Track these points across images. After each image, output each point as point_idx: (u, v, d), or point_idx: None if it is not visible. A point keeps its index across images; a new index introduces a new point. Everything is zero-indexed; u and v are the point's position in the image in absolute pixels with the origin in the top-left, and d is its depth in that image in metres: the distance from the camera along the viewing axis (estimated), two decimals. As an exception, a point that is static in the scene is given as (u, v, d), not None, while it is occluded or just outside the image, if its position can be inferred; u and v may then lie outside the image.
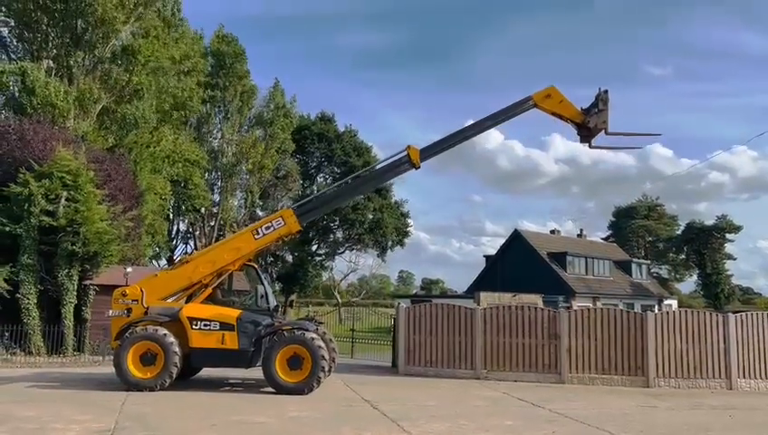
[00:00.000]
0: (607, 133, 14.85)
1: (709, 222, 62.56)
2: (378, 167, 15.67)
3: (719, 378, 15.38)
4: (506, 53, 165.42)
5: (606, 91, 14.80)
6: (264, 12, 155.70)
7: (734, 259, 62.85)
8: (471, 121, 15.46)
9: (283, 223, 13.73)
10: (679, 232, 65.57)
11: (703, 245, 59.98)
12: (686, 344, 15.46)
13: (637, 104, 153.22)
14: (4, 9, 22.91)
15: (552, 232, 52.59)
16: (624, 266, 49.55)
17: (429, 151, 14.60)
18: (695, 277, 65.30)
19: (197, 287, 13.52)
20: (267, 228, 13.72)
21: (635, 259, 53.06)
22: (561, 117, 15.00)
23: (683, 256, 64.86)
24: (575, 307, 23.90)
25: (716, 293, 59.48)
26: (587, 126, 14.77)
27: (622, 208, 70.37)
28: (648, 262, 55.59)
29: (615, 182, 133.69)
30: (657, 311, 30.04)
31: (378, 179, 16.11)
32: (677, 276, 67.90)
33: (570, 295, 40.81)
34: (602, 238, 64.76)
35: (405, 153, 14.34)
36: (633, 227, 65.91)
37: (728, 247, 62.21)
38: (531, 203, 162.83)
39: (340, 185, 16.02)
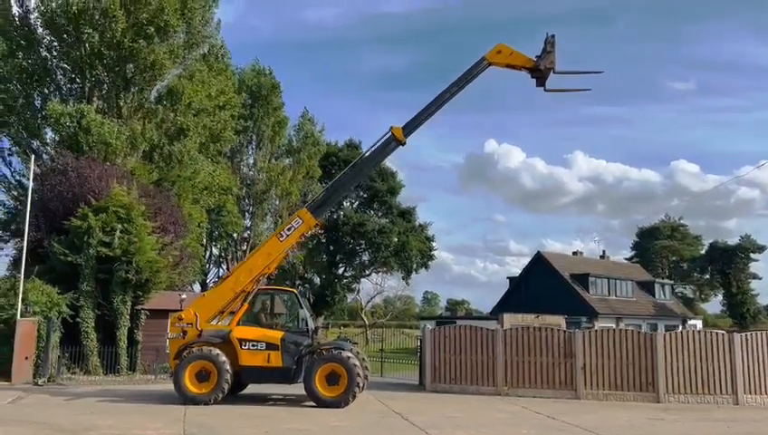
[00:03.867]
0: (554, 72, 16.53)
1: (733, 241, 62.90)
2: (368, 153, 16.86)
3: (726, 394, 16.40)
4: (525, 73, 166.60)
5: (553, 36, 16.51)
6: (283, 37, 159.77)
7: (760, 278, 62.88)
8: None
9: (301, 221, 15.40)
10: (703, 252, 65.87)
11: (727, 265, 60.20)
12: (693, 362, 16.55)
13: (660, 119, 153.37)
14: (63, 57, 25.14)
15: (575, 253, 53.41)
16: (647, 287, 50.10)
17: (410, 126, 16.10)
18: (720, 297, 65.40)
19: (241, 296, 15.04)
20: (289, 229, 15.41)
21: (658, 280, 53.54)
22: (515, 67, 16.67)
23: (707, 276, 65.09)
24: (597, 328, 24.92)
25: (742, 313, 59.56)
26: (539, 69, 16.45)
27: (645, 229, 70.87)
28: (672, 282, 56.02)
29: (641, 200, 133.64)
30: (687, 330, 30.81)
31: (372, 162, 17.50)
32: (702, 296, 68.01)
33: (592, 316, 41.57)
34: (626, 259, 65.32)
35: (390, 134, 15.93)
36: (656, 247, 66.38)
37: (753, 267, 62.37)
38: (555, 222, 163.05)
39: (340, 177, 17.38)
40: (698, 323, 50.81)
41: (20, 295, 18.03)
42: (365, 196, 54.11)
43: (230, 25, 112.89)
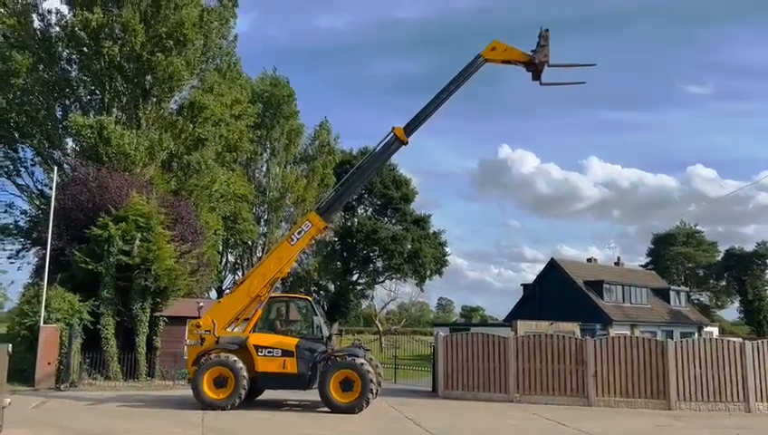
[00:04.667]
0: (548, 65, 17.01)
1: (750, 248, 62.41)
2: (372, 154, 17.38)
3: (738, 402, 16.44)
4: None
5: (547, 30, 17.06)
6: (297, 45, 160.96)
7: (776, 285, 62.32)
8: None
9: (310, 225, 15.85)
10: (719, 258, 65.44)
11: (743, 271, 59.77)
12: (705, 370, 16.61)
13: (676, 124, 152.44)
14: (84, 70, 25.79)
15: (589, 260, 53.28)
16: (662, 294, 49.83)
17: (411, 126, 16.52)
18: (737, 304, 64.89)
19: (256, 301, 15.43)
20: (299, 233, 15.85)
21: (673, 286, 53.26)
22: (510, 62, 17.18)
23: (723, 283, 64.64)
24: (612, 335, 24.97)
25: (759, 320, 59.07)
26: (534, 62, 16.96)
27: (661, 235, 70.53)
28: (687, 289, 55.64)
29: (657, 206, 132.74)
30: (698, 338, 30.67)
31: (376, 163, 17.82)
32: (719, 303, 67.51)
33: (607, 323, 41.45)
34: (641, 265, 65.01)
35: (392, 134, 16.35)
36: (672, 253, 66.04)
37: (770, 274, 61.83)
38: (570, 227, 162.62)
39: (346, 180, 17.77)
40: (714, 331, 50.43)
41: (43, 303, 18.55)
42: (379, 203, 54.43)
43: (245, 33, 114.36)
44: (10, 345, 10.33)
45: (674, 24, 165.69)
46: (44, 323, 18.48)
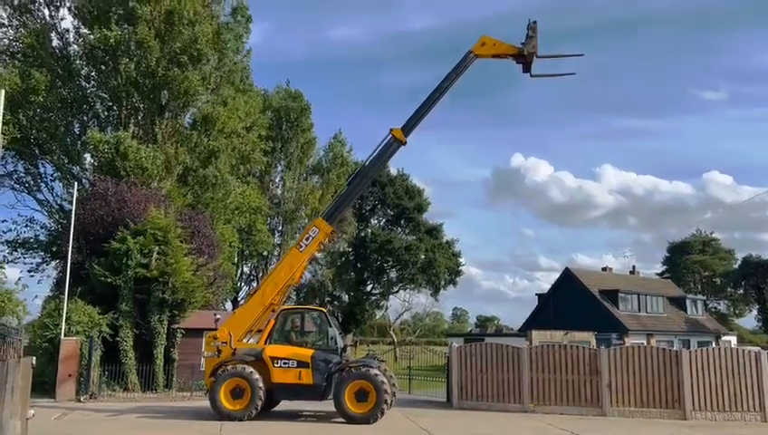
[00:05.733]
0: (537, 56, 17.30)
1: (767, 255, 61.70)
2: (372, 157, 17.48)
3: (754, 411, 16.35)
4: (550, 85, 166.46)
5: (535, 22, 17.40)
6: (309, 56, 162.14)
7: (795, 293, 61.43)
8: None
9: (318, 230, 16.15)
10: (736, 266, 64.77)
11: (761, 279, 59.03)
12: (721, 379, 16.56)
13: (691, 130, 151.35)
14: (101, 87, 26.36)
15: (604, 269, 53.07)
16: (678, 303, 49.51)
17: (409, 125, 16.84)
18: (755, 312, 64.09)
19: (269, 311, 15.68)
20: (307, 239, 16.15)
21: (690, 295, 52.85)
22: (500, 56, 17.50)
23: (741, 291, 63.92)
24: (628, 344, 24.92)
25: (777, 328, 58.29)
26: (523, 54, 17.26)
27: (676, 244, 70.03)
28: (704, 298, 55.12)
29: (673, 213, 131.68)
30: (713, 347, 30.40)
31: (377, 165, 17.97)
32: (737, 312, 66.79)
33: (623, 333, 41.27)
34: (657, 274, 64.56)
35: (390, 136, 16.69)
36: (688, 262, 65.53)
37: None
38: (586, 236, 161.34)
39: (349, 184, 17.99)
40: (732, 339, 49.89)
41: (64, 316, 18.89)
42: (392, 214, 54.58)
43: (257, 45, 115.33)
44: (34, 358, 10.56)
45: (684, 30, 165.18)
46: (65, 335, 18.80)
